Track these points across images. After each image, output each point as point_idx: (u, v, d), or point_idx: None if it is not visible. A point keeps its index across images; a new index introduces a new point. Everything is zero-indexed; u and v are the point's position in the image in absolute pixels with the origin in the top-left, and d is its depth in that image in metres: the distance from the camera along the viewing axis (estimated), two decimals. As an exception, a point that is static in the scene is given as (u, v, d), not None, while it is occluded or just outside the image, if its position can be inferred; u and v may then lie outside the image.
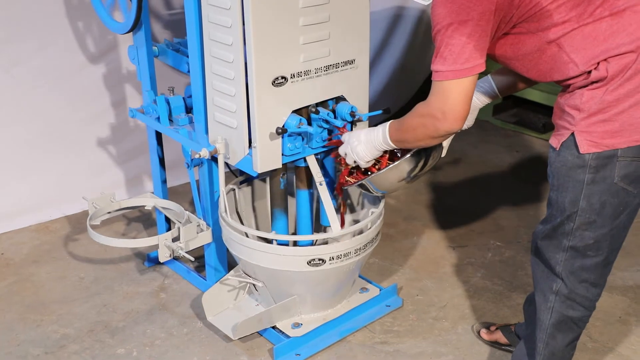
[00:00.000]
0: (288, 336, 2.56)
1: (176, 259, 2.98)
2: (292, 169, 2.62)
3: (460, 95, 1.91)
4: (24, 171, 3.33)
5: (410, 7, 4.15)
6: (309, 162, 2.49)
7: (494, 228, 3.36)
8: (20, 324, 2.72)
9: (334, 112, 2.45)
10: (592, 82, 1.88)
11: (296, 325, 2.60)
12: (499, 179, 3.85)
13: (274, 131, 2.31)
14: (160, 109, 2.68)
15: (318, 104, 2.42)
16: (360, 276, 2.80)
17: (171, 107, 2.70)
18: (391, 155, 2.34)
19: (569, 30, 1.88)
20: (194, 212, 2.81)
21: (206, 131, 2.53)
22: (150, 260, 3.06)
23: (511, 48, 1.98)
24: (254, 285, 2.61)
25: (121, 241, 2.71)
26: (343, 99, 2.47)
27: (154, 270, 3.03)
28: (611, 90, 1.86)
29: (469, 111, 1.96)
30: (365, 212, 2.75)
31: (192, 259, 2.57)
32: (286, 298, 2.56)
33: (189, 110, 2.74)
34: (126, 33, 2.68)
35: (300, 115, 2.36)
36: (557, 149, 1.96)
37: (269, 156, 2.35)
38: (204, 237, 2.69)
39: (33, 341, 2.63)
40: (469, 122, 2.35)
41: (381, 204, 2.58)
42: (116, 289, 2.92)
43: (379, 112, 2.50)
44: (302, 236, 2.55)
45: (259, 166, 2.35)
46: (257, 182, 2.85)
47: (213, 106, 2.43)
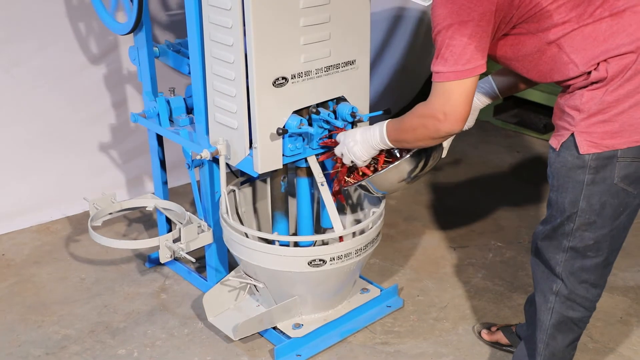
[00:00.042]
0: (289, 337, 2.56)
1: (177, 259, 2.98)
2: (293, 170, 2.62)
3: (462, 96, 1.90)
4: (24, 171, 3.33)
5: (410, 8, 4.15)
6: (309, 163, 2.49)
7: (494, 228, 3.35)
8: (21, 325, 2.72)
9: (334, 112, 2.45)
10: (592, 83, 1.88)
11: (297, 326, 2.60)
12: (499, 180, 3.84)
13: (275, 132, 2.31)
14: (160, 110, 2.68)
15: (319, 105, 2.41)
16: (360, 277, 2.80)
17: (172, 108, 2.70)
18: (388, 154, 2.34)
19: (569, 30, 1.88)
20: (194, 212, 2.81)
21: (207, 132, 2.53)
22: (151, 261, 3.06)
23: (511, 49, 1.98)
24: (255, 286, 2.61)
25: (122, 242, 2.72)
26: (344, 99, 2.47)
27: (154, 271, 3.03)
28: (611, 91, 1.86)
29: (470, 112, 1.96)
30: (366, 213, 2.75)
31: (193, 259, 2.56)
32: (287, 299, 2.56)
33: (189, 110, 2.75)
34: (127, 34, 2.69)
35: (301, 116, 2.36)
36: (557, 150, 1.96)
37: (269, 157, 2.35)
38: (205, 238, 2.69)
39: (34, 342, 2.63)
40: (470, 122, 2.35)
41: (382, 205, 2.58)
42: (117, 289, 2.92)
43: (380, 112, 2.50)
44: (302, 237, 2.55)
45: (259, 167, 2.35)
46: (258, 182, 2.85)
47: (214, 107, 2.43)
